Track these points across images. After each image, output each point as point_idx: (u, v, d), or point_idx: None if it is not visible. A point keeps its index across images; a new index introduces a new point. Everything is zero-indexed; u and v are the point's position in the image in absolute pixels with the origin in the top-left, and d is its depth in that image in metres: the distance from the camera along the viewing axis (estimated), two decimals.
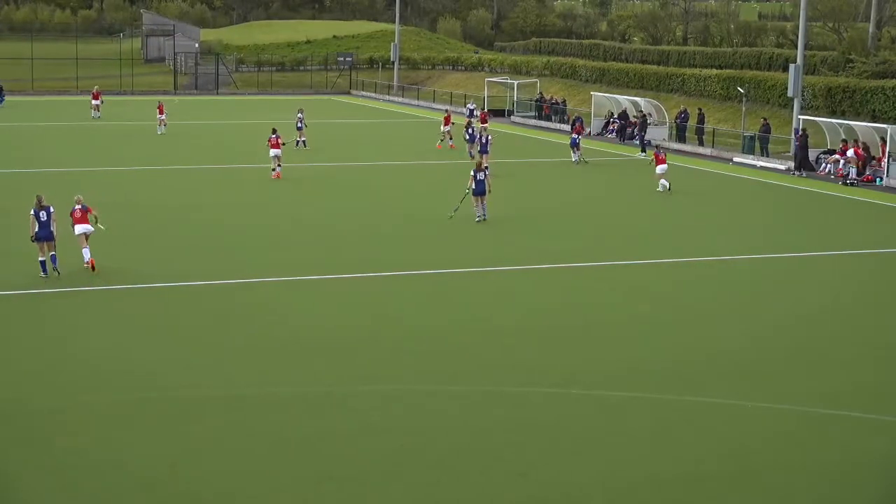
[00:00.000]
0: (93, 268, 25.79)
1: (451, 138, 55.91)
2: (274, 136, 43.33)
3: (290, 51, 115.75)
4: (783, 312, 23.47)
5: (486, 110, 66.71)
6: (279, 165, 43.20)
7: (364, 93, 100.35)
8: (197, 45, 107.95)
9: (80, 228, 26.06)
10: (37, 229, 25.07)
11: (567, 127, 66.89)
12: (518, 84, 78.13)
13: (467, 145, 50.67)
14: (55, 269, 25.34)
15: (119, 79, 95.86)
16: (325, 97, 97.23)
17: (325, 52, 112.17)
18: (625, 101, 64.57)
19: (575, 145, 50.70)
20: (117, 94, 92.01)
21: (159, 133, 58.99)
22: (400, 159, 50.67)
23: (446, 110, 62.54)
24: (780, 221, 36.23)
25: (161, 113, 59.86)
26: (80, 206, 26.30)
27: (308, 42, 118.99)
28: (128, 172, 44.72)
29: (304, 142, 53.27)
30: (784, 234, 33.54)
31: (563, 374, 18.71)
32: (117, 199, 36.91)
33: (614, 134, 63.57)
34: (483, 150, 44.46)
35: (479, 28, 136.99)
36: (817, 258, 29.81)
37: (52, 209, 25.37)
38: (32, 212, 25.15)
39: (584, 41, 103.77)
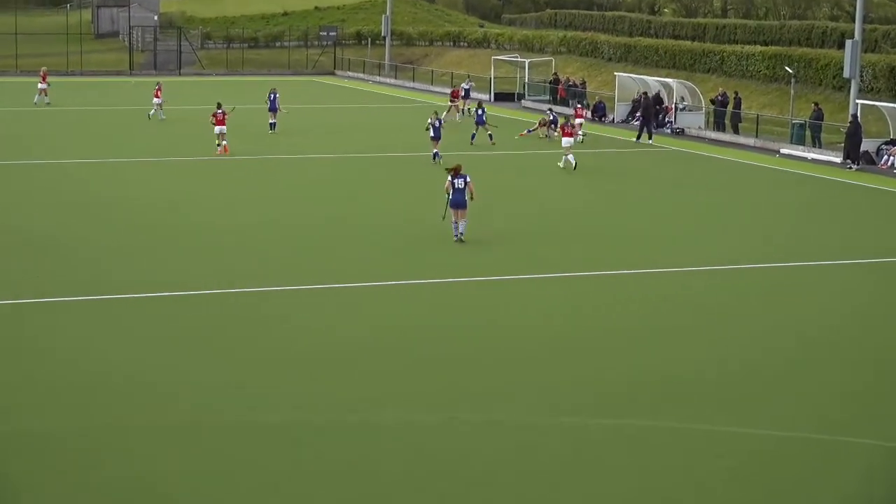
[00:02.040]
0: None
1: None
2: (220, 111, 47.23)
3: (265, 24, 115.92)
4: (785, 329, 23.62)
5: (457, 88, 68.80)
6: (224, 140, 47.26)
7: (351, 73, 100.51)
8: (156, 17, 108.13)
9: None
10: None
11: (588, 112, 67.08)
12: (530, 63, 78.22)
13: (475, 127, 53.00)
14: None
15: (66, 57, 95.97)
16: (306, 78, 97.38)
17: (306, 25, 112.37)
18: (654, 82, 64.65)
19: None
20: (64, 74, 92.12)
21: (161, 118, 59.99)
22: (390, 150, 50.66)
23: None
24: (825, 223, 36.30)
25: (157, 96, 60.73)
26: None
27: (285, 14, 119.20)
28: (74, 166, 44.90)
29: (273, 124, 55.54)
30: (825, 237, 33.67)
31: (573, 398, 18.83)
32: (73, 198, 37.13)
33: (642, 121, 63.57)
34: (436, 137, 46.30)
35: None
36: (859, 266, 29.93)
37: None
38: None
39: (606, 13, 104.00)
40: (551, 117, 55.56)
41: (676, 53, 75.65)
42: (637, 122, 63.50)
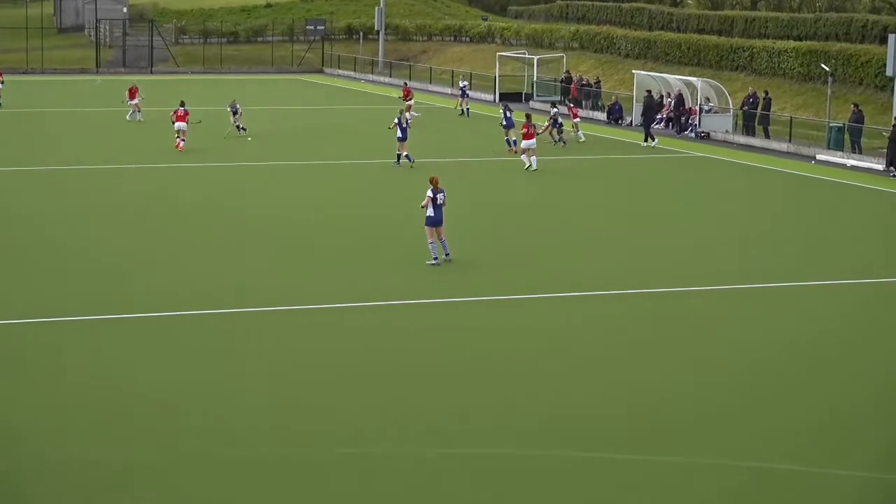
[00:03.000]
0: None
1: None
2: (182, 109, 50.72)
3: (246, 17, 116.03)
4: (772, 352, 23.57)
5: (407, 83, 69.83)
6: (183, 140, 50.30)
7: (341, 71, 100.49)
8: (125, 9, 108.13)
9: None
10: None
11: (603, 115, 67.14)
12: (539, 60, 78.13)
13: (505, 132, 52.96)
14: None
15: (25, 53, 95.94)
16: (291, 77, 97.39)
17: (291, 18, 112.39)
18: (676, 81, 64.55)
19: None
20: (23, 72, 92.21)
21: (138, 119, 60.83)
22: (381, 156, 50.46)
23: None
24: (863, 236, 36.18)
25: (133, 97, 61.21)
26: None
27: (269, 6, 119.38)
28: (24, 173, 44.90)
29: (242, 127, 56.09)
30: (864, 251, 33.60)
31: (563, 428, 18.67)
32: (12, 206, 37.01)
33: (663, 124, 63.51)
34: (403, 137, 47.44)
35: None
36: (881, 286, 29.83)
37: None
38: None
39: (623, 5, 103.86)
40: (553, 116, 55.30)
41: (701, 49, 75.55)
42: (657, 125, 63.46)
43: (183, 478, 17.08)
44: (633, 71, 70.43)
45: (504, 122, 52.56)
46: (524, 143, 47.11)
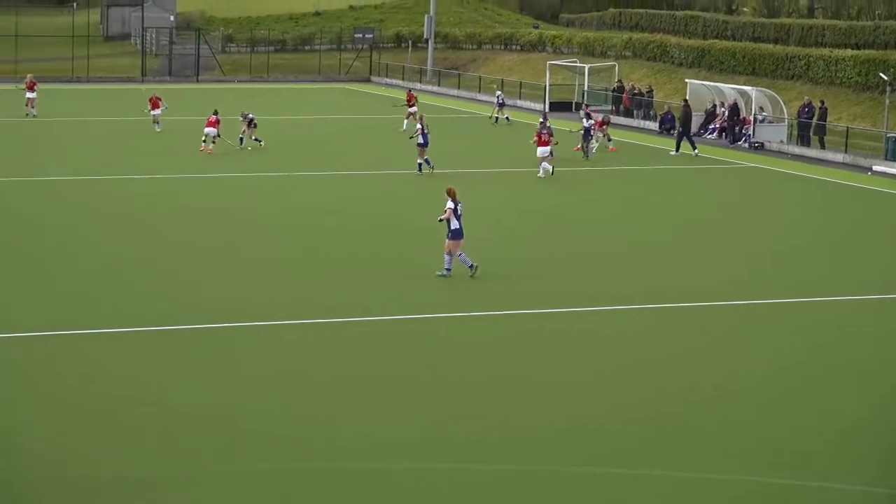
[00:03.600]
0: None
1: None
2: (214, 116, 52.64)
3: (294, 25, 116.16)
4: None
5: (412, 90, 70.66)
6: (213, 143, 52.14)
7: (389, 80, 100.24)
8: (172, 17, 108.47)
9: None
10: None
11: (654, 125, 66.66)
12: (590, 69, 77.67)
13: (584, 144, 53.80)
14: None
15: (71, 62, 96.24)
16: (338, 86, 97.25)
17: (339, 26, 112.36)
18: (730, 90, 64.00)
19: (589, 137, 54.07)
20: (69, 81, 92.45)
21: (157, 130, 60.36)
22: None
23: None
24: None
25: (155, 108, 61.02)
26: None
27: (317, 14, 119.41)
28: (50, 183, 45.00)
29: (257, 139, 55.15)
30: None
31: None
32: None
33: (716, 134, 63.05)
34: (424, 143, 47.65)
35: None
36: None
37: None
38: None
39: (677, 13, 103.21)
40: (586, 125, 54.57)
41: (756, 58, 74.89)
42: (710, 135, 62.95)
43: (204, 492, 17.05)
44: (687, 80, 69.84)
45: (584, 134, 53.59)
46: (539, 151, 47.58)
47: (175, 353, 23.70)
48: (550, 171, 47.29)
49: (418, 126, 48.18)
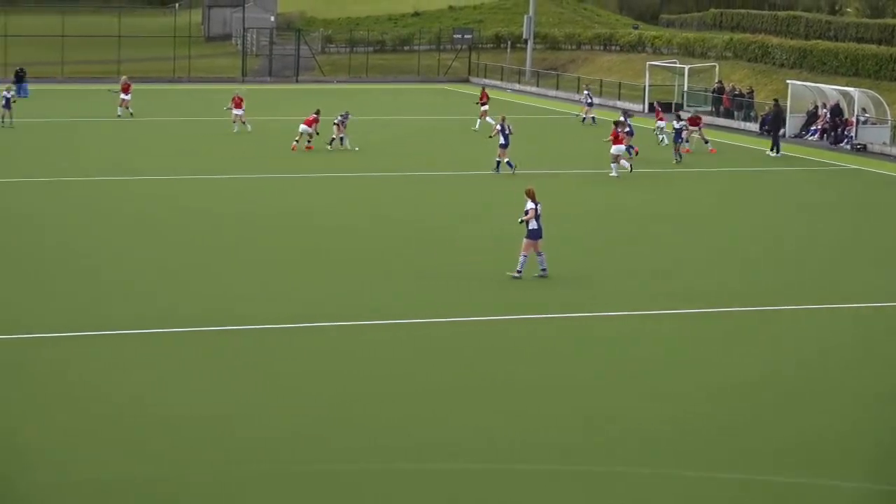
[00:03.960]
0: None
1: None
2: (314, 115, 53.89)
3: (393, 26, 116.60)
4: None
5: (485, 87, 71.43)
6: (309, 139, 53.38)
7: (487, 80, 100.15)
8: (272, 18, 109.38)
9: None
10: None
11: (755, 126, 66.35)
12: (690, 69, 77.31)
13: (674, 146, 52.77)
14: None
15: (172, 62, 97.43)
16: (437, 86, 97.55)
17: (438, 27, 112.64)
18: (832, 91, 63.44)
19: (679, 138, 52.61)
20: (170, 81, 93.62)
21: (236, 131, 60.59)
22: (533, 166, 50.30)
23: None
24: None
25: (238, 107, 61.27)
26: None
27: (416, 14, 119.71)
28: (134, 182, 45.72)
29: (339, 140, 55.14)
30: None
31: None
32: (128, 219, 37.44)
33: (818, 135, 62.60)
34: (505, 144, 47.73)
35: None
36: None
37: None
38: None
39: (779, 13, 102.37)
40: (625, 124, 53.68)
41: (859, 59, 74.04)
42: (812, 137, 62.55)
43: (236, 496, 17.31)
44: (788, 81, 69.33)
45: (675, 134, 52.82)
46: (613, 149, 47.52)
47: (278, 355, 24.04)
48: (628, 168, 47.37)
49: (497, 126, 48.24)
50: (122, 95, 67.82)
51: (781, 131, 59.04)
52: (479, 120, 62.85)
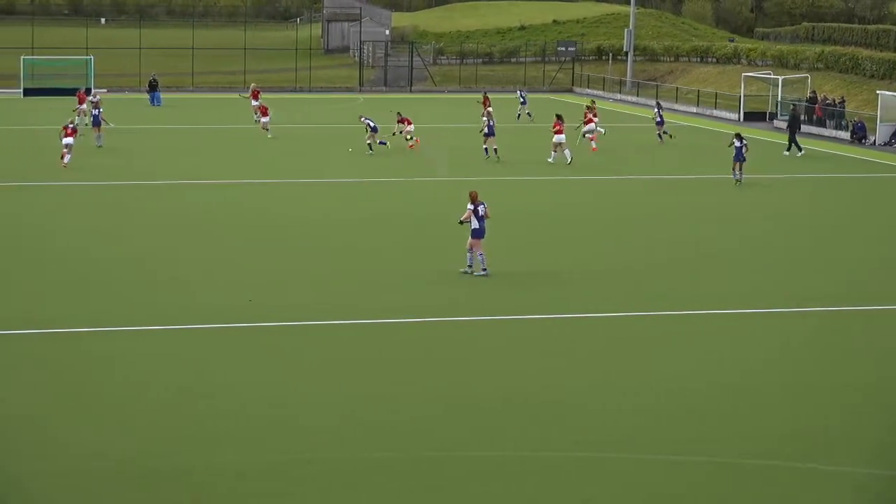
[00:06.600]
0: None
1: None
2: (400, 116, 57.33)
3: (500, 38, 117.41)
4: None
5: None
6: (415, 139, 55.63)
7: (590, 90, 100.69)
8: (387, 32, 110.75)
9: None
10: None
11: (846, 134, 66.16)
12: (783, 80, 77.23)
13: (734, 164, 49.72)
14: None
15: (294, 73, 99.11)
16: (542, 95, 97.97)
17: (543, 40, 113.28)
18: None
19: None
20: (291, 90, 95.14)
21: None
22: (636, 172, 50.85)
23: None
24: None
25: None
26: None
27: (522, 28, 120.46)
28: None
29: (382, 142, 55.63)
30: None
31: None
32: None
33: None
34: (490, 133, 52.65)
35: (736, 10, 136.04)
36: None
37: None
38: None
39: (869, 27, 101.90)
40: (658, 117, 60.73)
41: None
42: None
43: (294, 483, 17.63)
44: (878, 91, 69.12)
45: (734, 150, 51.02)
46: (555, 138, 51.33)
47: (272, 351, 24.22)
48: (569, 158, 51.15)
49: (484, 119, 53.69)
50: (253, 102, 68.49)
51: (868, 140, 58.73)
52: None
